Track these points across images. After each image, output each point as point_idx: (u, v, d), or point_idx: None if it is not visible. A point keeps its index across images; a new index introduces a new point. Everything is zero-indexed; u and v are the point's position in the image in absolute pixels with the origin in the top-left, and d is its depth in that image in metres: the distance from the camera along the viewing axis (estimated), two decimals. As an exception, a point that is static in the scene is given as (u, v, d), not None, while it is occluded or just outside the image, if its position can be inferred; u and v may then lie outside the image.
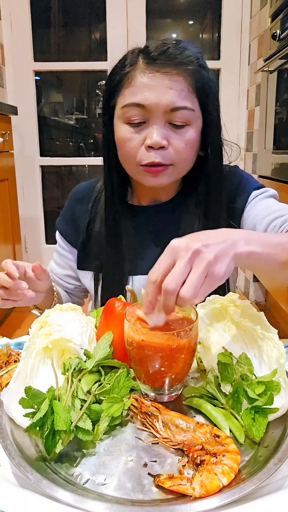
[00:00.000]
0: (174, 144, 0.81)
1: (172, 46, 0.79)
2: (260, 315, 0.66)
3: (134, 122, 0.81)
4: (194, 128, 0.82)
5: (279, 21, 1.86)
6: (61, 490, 0.46)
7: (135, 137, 0.81)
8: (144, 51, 0.81)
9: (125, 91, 0.81)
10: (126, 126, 0.82)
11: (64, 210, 1.04)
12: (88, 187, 1.03)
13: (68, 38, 2.96)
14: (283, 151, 1.88)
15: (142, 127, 0.81)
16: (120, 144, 0.84)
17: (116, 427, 0.57)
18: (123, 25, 2.70)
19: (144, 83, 0.78)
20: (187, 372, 0.62)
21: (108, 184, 0.92)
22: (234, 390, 0.59)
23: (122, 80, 0.82)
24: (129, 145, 0.82)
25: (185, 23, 2.98)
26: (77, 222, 1.00)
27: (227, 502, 0.45)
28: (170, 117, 0.80)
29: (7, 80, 2.78)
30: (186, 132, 0.81)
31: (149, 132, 0.80)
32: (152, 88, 0.78)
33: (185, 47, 0.80)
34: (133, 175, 0.89)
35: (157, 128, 0.79)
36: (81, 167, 3.16)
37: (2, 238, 2.23)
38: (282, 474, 0.51)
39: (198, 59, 0.81)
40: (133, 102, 0.79)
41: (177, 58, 0.78)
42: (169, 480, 0.47)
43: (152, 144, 0.79)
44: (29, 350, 0.61)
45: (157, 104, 0.78)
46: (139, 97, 0.79)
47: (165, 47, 0.79)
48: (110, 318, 0.68)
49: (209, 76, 0.84)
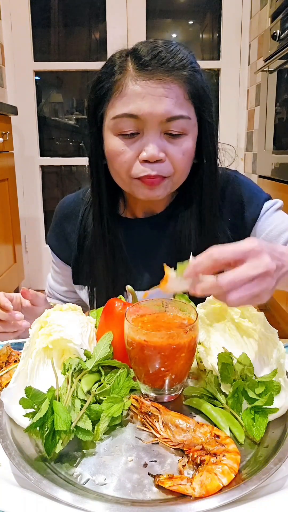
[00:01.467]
0: (171, 155, 0.76)
1: (164, 49, 0.73)
2: (260, 315, 0.66)
3: (127, 134, 0.75)
4: (190, 137, 0.78)
5: (279, 21, 1.86)
6: (61, 490, 0.46)
7: (128, 150, 0.76)
8: (133, 54, 0.75)
9: (115, 101, 0.75)
10: (118, 139, 0.76)
11: (53, 226, 0.99)
12: (74, 200, 0.97)
13: (68, 38, 2.96)
14: (283, 151, 1.88)
15: (136, 138, 0.75)
16: (112, 157, 0.78)
17: (116, 427, 0.57)
18: (123, 25, 2.70)
19: (137, 91, 0.72)
20: (187, 372, 0.63)
21: (96, 197, 0.86)
22: (234, 390, 0.59)
23: (112, 89, 0.75)
24: (121, 159, 0.76)
25: (185, 23, 2.98)
26: (68, 240, 0.95)
27: (227, 502, 0.45)
28: (166, 127, 0.74)
29: (7, 80, 2.78)
30: (183, 142, 0.76)
31: (144, 144, 0.75)
32: (145, 97, 0.72)
33: (177, 50, 0.75)
34: (126, 189, 0.83)
35: (153, 140, 0.74)
36: (81, 167, 3.16)
37: (2, 238, 2.23)
38: (282, 474, 0.51)
39: (191, 63, 0.76)
40: (125, 112, 0.74)
41: (170, 63, 0.73)
42: (169, 480, 0.47)
43: (148, 157, 0.74)
44: (29, 350, 0.61)
45: (151, 114, 0.72)
46: (132, 107, 0.73)
47: (156, 51, 0.73)
48: (110, 318, 0.68)
49: (203, 80, 0.78)
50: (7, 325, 0.77)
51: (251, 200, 0.87)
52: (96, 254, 0.89)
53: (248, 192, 0.89)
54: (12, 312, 0.76)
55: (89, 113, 0.81)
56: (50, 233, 1.01)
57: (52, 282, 1.05)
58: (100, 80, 0.78)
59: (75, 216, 0.95)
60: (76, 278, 0.98)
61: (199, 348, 0.67)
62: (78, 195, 0.98)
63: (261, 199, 0.88)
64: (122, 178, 0.80)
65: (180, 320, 0.63)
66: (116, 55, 0.78)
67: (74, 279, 0.98)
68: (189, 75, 0.75)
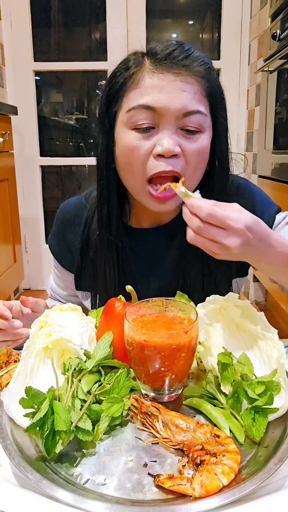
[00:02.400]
0: (186, 152, 0.73)
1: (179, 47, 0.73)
2: (260, 315, 0.66)
3: (142, 127, 0.72)
4: (206, 136, 0.75)
5: (279, 21, 1.86)
6: (61, 490, 0.46)
7: (142, 145, 0.72)
8: (149, 52, 0.74)
9: (131, 93, 0.73)
10: (132, 132, 0.73)
11: (55, 231, 0.97)
12: (76, 206, 0.94)
13: (68, 38, 2.96)
14: (283, 151, 1.88)
15: (151, 133, 0.73)
16: (126, 153, 0.75)
17: (116, 427, 0.57)
18: (123, 25, 2.70)
19: (154, 83, 0.70)
20: (187, 372, 0.63)
21: (104, 203, 0.83)
22: (234, 390, 0.59)
23: (127, 82, 0.73)
24: (136, 154, 0.73)
25: (185, 23, 2.98)
26: (70, 247, 0.93)
27: (227, 502, 0.45)
28: (182, 122, 0.72)
29: (7, 80, 2.78)
30: (198, 139, 0.74)
31: (159, 138, 0.72)
32: (163, 90, 0.70)
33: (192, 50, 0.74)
34: (137, 196, 0.80)
35: (169, 134, 0.71)
36: (81, 167, 3.16)
37: (2, 238, 2.23)
38: (282, 474, 0.51)
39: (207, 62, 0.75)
40: (141, 104, 0.71)
41: (187, 59, 0.72)
42: (169, 480, 0.47)
43: (164, 152, 0.71)
44: (29, 350, 0.61)
45: (168, 107, 0.70)
46: (148, 98, 0.70)
47: (171, 48, 0.72)
48: (110, 318, 0.68)
49: (219, 81, 0.77)
50: (6, 334, 0.76)
51: (263, 213, 0.84)
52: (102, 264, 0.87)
53: (260, 204, 0.87)
54: (11, 320, 0.74)
55: (101, 111, 0.78)
56: (51, 237, 0.98)
57: (54, 285, 1.04)
58: (115, 75, 0.76)
59: (77, 222, 0.92)
60: (79, 285, 0.96)
61: (199, 348, 0.67)
62: (80, 200, 0.94)
63: (272, 212, 0.87)
64: (135, 180, 0.77)
65: (180, 320, 0.63)
66: (130, 54, 0.77)
67: (76, 285, 0.97)
68: (205, 72, 0.74)
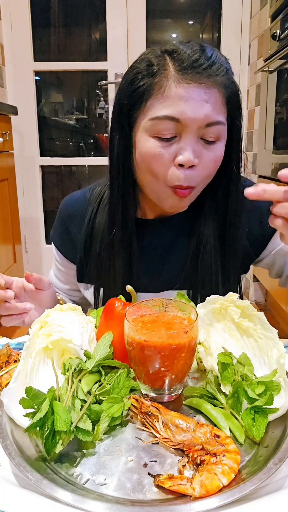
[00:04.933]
0: (204, 161, 0.75)
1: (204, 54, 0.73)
2: (260, 315, 0.66)
3: (165, 137, 0.74)
4: (223, 143, 0.77)
5: (279, 21, 1.86)
6: (61, 490, 0.46)
7: (164, 153, 0.74)
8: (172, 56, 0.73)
9: (155, 102, 0.73)
10: (154, 140, 0.74)
11: (57, 224, 0.98)
12: (80, 199, 0.95)
13: (68, 38, 2.96)
14: (283, 151, 1.88)
15: (173, 142, 0.74)
16: (147, 160, 0.76)
17: (116, 427, 0.57)
18: (123, 25, 2.70)
19: (180, 94, 0.71)
20: (187, 372, 0.63)
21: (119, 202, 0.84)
22: (234, 390, 0.59)
23: (151, 89, 0.73)
24: (158, 162, 0.75)
25: (185, 23, 2.98)
26: (73, 239, 0.94)
27: (227, 502, 0.45)
28: (204, 132, 0.74)
29: (7, 80, 2.78)
30: (217, 149, 0.76)
31: (181, 148, 0.74)
32: (188, 101, 0.71)
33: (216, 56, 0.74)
34: (154, 195, 0.82)
35: (190, 145, 0.73)
36: (81, 167, 3.16)
37: (2, 238, 2.23)
38: (282, 474, 0.51)
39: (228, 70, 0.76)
40: (167, 115, 0.72)
41: (211, 68, 0.72)
42: (169, 480, 0.47)
43: (184, 161, 0.73)
44: (29, 350, 0.61)
45: (193, 118, 0.71)
46: (174, 110, 0.71)
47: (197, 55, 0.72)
48: (110, 318, 0.68)
49: (237, 87, 0.78)
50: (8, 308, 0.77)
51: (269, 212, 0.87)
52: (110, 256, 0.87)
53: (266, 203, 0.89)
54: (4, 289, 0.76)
55: (122, 111, 0.78)
56: (54, 231, 0.99)
57: (55, 280, 1.04)
58: (136, 78, 0.75)
59: (80, 216, 0.93)
60: (81, 277, 0.97)
61: (199, 348, 0.67)
62: (84, 194, 0.95)
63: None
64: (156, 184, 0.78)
65: (180, 320, 0.63)
66: (150, 53, 0.75)
67: (78, 277, 0.97)
68: (226, 81, 0.75)
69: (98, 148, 3.11)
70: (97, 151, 3.10)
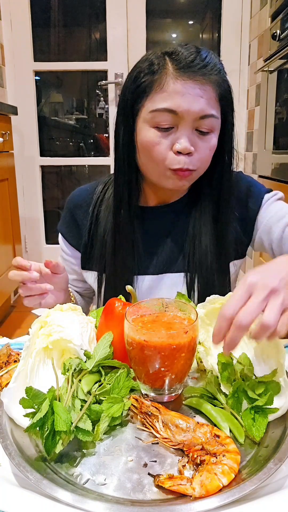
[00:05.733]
0: (199, 150, 0.84)
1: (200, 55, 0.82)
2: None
3: (163, 127, 0.82)
4: (216, 135, 0.86)
5: (279, 21, 1.86)
6: (61, 490, 0.46)
7: (163, 142, 0.83)
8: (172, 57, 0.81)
9: (155, 95, 0.82)
10: (154, 130, 0.83)
11: (64, 214, 1.05)
12: (87, 192, 1.02)
13: (68, 38, 2.96)
14: (283, 151, 1.88)
15: (170, 132, 0.83)
16: (147, 147, 0.85)
17: (116, 427, 0.57)
18: (123, 25, 2.70)
19: (177, 89, 0.80)
20: (187, 372, 0.63)
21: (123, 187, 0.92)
22: (234, 390, 0.59)
23: (152, 85, 0.82)
24: (158, 149, 0.83)
25: (185, 23, 2.98)
26: (79, 226, 1.01)
27: (227, 502, 0.45)
28: (198, 124, 0.82)
29: (7, 80, 2.78)
30: (210, 139, 0.84)
31: (178, 138, 0.82)
32: (184, 95, 0.80)
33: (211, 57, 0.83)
34: (157, 178, 0.89)
35: (186, 134, 0.82)
36: (81, 167, 3.16)
37: (2, 238, 2.23)
38: (282, 474, 0.51)
39: (221, 70, 0.85)
40: (165, 107, 0.80)
41: (206, 68, 0.81)
42: (169, 480, 0.47)
43: (181, 149, 0.81)
44: (29, 350, 0.61)
45: (188, 111, 0.80)
46: (171, 103, 0.80)
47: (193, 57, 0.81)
48: (110, 318, 0.68)
49: (230, 86, 0.87)
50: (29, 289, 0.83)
51: (254, 191, 0.98)
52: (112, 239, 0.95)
53: (252, 185, 0.99)
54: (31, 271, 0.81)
55: (126, 105, 0.87)
56: (61, 221, 1.05)
57: None
58: (138, 76, 0.84)
59: (86, 204, 1.00)
60: (84, 263, 1.02)
61: (199, 348, 0.67)
62: (91, 187, 1.03)
63: (262, 191, 0.99)
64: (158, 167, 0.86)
65: (180, 320, 0.63)
66: (151, 54, 0.84)
67: (82, 264, 1.02)
68: (220, 80, 0.83)
69: (98, 148, 3.11)
70: (97, 151, 3.10)
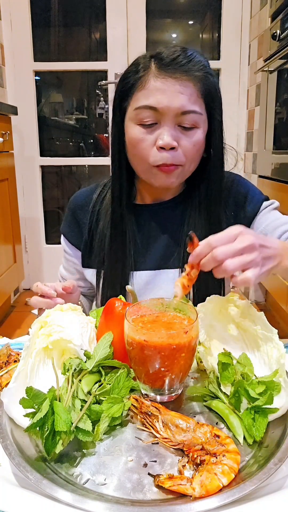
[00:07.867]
0: (183, 145, 0.85)
1: (182, 53, 0.84)
2: (260, 315, 0.66)
3: (146, 124, 0.85)
4: (201, 131, 0.87)
5: (279, 21, 1.86)
6: (61, 490, 0.46)
7: (147, 138, 0.85)
8: (156, 57, 0.84)
9: (138, 94, 0.85)
10: (138, 127, 0.86)
11: (66, 215, 1.08)
12: (88, 193, 1.05)
13: (68, 38, 2.96)
14: (283, 151, 1.88)
15: (154, 128, 0.85)
16: (132, 144, 0.88)
17: (116, 427, 0.57)
18: (123, 25, 2.70)
19: (157, 87, 0.83)
20: (187, 372, 0.63)
21: (116, 183, 0.95)
22: (234, 390, 0.59)
23: (136, 84, 0.85)
24: (141, 145, 0.86)
25: (185, 23, 2.98)
26: (80, 225, 1.03)
27: (227, 502, 0.45)
28: (180, 119, 0.84)
29: (7, 80, 2.77)
30: (194, 134, 0.86)
31: (160, 133, 0.84)
32: (164, 92, 0.82)
33: (193, 55, 0.85)
34: (144, 175, 0.92)
35: (168, 130, 0.84)
36: (81, 167, 3.16)
37: (2, 238, 2.23)
38: (282, 474, 0.51)
39: (205, 66, 0.86)
40: (146, 104, 0.83)
41: (187, 65, 0.83)
42: (169, 480, 0.47)
43: (164, 145, 0.83)
44: (29, 350, 0.61)
45: (168, 107, 0.82)
46: (152, 100, 0.83)
47: (176, 55, 0.83)
48: (110, 318, 0.68)
49: (215, 83, 0.88)
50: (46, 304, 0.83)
51: (253, 197, 1.00)
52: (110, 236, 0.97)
53: (251, 190, 1.02)
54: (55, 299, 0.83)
55: (114, 105, 0.91)
56: (63, 223, 1.08)
57: (64, 272, 1.11)
58: (126, 76, 0.88)
59: (87, 204, 1.03)
60: (85, 261, 1.04)
61: (199, 348, 0.67)
62: (92, 189, 1.06)
63: (261, 198, 1.01)
64: (143, 164, 0.89)
65: (180, 320, 0.63)
66: (140, 57, 0.88)
67: (83, 262, 1.04)
68: (202, 76, 0.85)
69: (98, 148, 3.11)
70: (97, 151, 3.10)
